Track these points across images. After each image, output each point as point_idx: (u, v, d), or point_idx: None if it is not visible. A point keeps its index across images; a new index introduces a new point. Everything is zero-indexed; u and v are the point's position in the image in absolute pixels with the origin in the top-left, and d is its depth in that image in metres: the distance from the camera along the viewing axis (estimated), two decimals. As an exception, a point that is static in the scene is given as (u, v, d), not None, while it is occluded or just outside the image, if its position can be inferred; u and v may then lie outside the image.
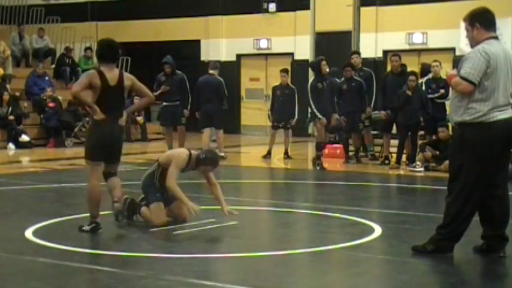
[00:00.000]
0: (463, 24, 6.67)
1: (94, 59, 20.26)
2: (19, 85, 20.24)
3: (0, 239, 7.54)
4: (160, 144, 18.48)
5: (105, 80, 7.54)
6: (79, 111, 18.61)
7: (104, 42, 7.97)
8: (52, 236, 7.45)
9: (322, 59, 14.08)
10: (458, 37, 18.21)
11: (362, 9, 21.72)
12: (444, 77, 13.12)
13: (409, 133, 14.02)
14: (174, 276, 5.99)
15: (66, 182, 11.78)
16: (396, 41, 20.75)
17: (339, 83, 14.78)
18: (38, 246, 7.07)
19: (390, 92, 14.33)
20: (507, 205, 6.59)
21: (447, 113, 13.76)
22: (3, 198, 10.56)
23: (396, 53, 15.41)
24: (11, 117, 18.29)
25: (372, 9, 21.49)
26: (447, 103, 13.41)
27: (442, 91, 14.24)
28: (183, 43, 23.68)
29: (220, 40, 24.09)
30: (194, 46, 24.12)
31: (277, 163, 15.48)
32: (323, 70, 13.88)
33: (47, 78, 20.46)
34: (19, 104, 19.31)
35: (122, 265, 6.37)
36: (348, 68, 14.86)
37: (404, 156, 14.23)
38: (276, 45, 23.11)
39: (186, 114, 15.44)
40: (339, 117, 14.40)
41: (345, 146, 15.31)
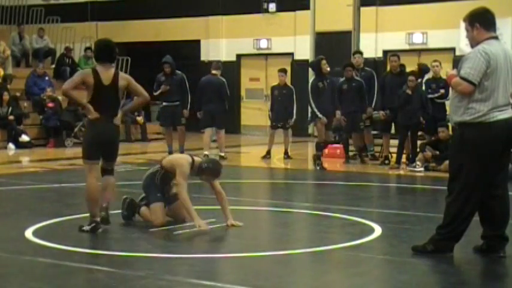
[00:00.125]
0: (463, 24, 6.68)
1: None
2: (19, 85, 20.24)
3: (0, 239, 7.54)
4: (160, 144, 18.48)
5: (98, 79, 7.60)
6: (79, 111, 18.57)
7: (101, 42, 8.05)
8: (52, 236, 7.45)
9: (322, 58, 14.08)
10: (458, 37, 18.22)
11: (362, 9, 21.72)
12: (444, 77, 13.11)
13: (409, 133, 14.04)
14: (174, 276, 6.00)
15: (66, 182, 11.78)
16: (396, 41, 20.75)
17: (339, 83, 14.78)
18: (38, 246, 7.07)
19: (389, 92, 14.34)
20: (507, 205, 6.59)
21: (447, 113, 13.77)
22: (3, 198, 10.56)
23: (395, 53, 15.41)
24: (11, 117, 18.29)
25: (372, 9, 21.49)
26: (447, 103, 13.41)
27: (442, 91, 14.24)
28: (183, 43, 23.68)
29: (220, 40, 24.09)
30: (194, 46, 24.12)
31: (277, 163, 15.48)
32: (323, 69, 13.89)
33: (47, 78, 20.47)
34: (19, 104, 19.31)
35: (122, 265, 6.37)
36: (349, 68, 14.86)
37: (404, 156, 14.24)
38: (276, 45, 23.11)
39: (186, 114, 15.45)
40: (340, 116, 14.40)
41: (345, 146, 15.32)
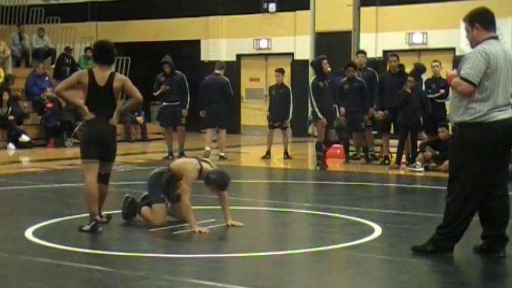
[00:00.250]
0: (463, 24, 6.67)
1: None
2: (19, 85, 20.25)
3: (0, 239, 7.54)
4: (160, 144, 18.49)
5: (93, 80, 7.73)
6: (78, 110, 18.56)
7: (99, 43, 8.17)
8: (52, 236, 7.45)
9: (323, 58, 14.05)
10: (458, 37, 18.22)
11: (362, 9, 21.73)
12: (444, 77, 13.11)
13: (409, 133, 14.03)
14: (174, 276, 6.00)
15: (66, 182, 11.78)
16: (396, 41, 20.74)
17: (341, 83, 14.76)
18: (38, 246, 7.07)
19: (388, 92, 14.31)
20: (507, 205, 6.59)
21: (447, 113, 13.76)
22: (3, 198, 10.56)
23: (394, 53, 15.39)
24: (11, 117, 18.30)
25: (372, 9, 21.50)
26: (447, 103, 13.40)
27: (442, 91, 14.24)
28: (183, 43, 23.68)
29: (220, 40, 24.09)
30: (194, 46, 24.12)
31: (277, 163, 15.48)
32: (324, 69, 13.86)
33: (47, 78, 20.48)
34: (19, 104, 19.31)
35: (122, 265, 6.37)
36: (351, 68, 14.85)
37: (404, 156, 14.23)
38: (276, 45, 23.11)
39: (185, 114, 15.43)
40: (341, 116, 14.38)
41: (346, 146, 15.31)
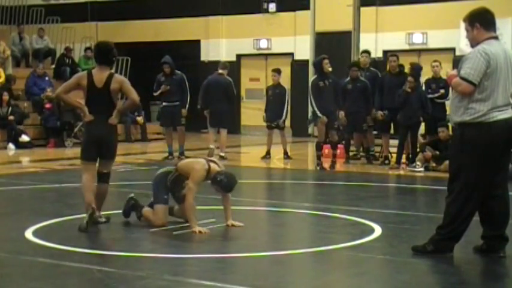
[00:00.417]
0: (463, 24, 6.67)
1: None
2: (19, 85, 20.25)
3: (0, 239, 7.55)
4: (160, 144, 18.48)
5: (91, 82, 7.85)
6: (76, 110, 18.56)
7: (98, 44, 8.30)
8: (52, 236, 7.45)
9: (324, 58, 14.05)
10: (458, 37, 18.22)
11: (362, 9, 21.73)
12: (444, 77, 13.11)
13: (409, 133, 14.02)
14: (174, 276, 5.99)
15: (66, 182, 11.77)
16: (396, 41, 20.74)
17: (344, 83, 14.73)
18: (38, 246, 7.07)
19: (388, 92, 14.28)
20: (507, 205, 6.59)
21: (447, 113, 13.75)
22: (3, 198, 10.57)
23: (394, 53, 15.38)
24: (11, 117, 18.30)
25: (372, 9, 21.50)
26: (447, 103, 13.40)
27: (442, 91, 14.23)
28: (183, 43, 23.69)
29: (220, 40, 24.09)
30: (194, 46, 24.13)
31: (277, 163, 15.48)
32: (325, 69, 13.86)
33: (47, 78, 20.47)
34: (19, 104, 19.31)
35: (122, 265, 6.37)
36: (354, 68, 14.82)
37: (404, 156, 14.23)
38: (276, 45, 23.12)
39: (184, 113, 15.42)
40: (340, 119, 14.36)
41: (346, 146, 15.29)
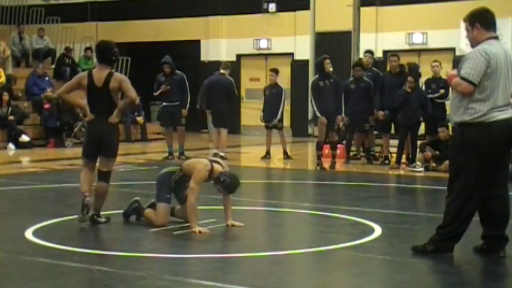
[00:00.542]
0: (463, 24, 6.68)
1: (94, 59, 20.26)
2: (19, 85, 20.26)
3: (0, 239, 7.55)
4: (160, 144, 18.48)
5: (91, 81, 7.97)
6: (76, 110, 18.58)
7: (99, 43, 8.33)
8: (52, 236, 7.46)
9: (325, 58, 14.03)
10: (458, 37, 18.20)
11: (362, 9, 21.72)
12: (444, 77, 13.11)
13: (409, 133, 14.01)
14: (174, 276, 5.99)
15: (66, 182, 11.77)
16: (396, 41, 20.74)
17: (347, 83, 14.71)
18: (38, 246, 7.07)
19: (388, 92, 14.27)
20: (507, 205, 6.59)
21: (447, 113, 13.75)
22: (3, 198, 10.57)
23: (395, 53, 15.37)
24: (11, 117, 18.29)
25: (372, 9, 21.49)
26: (447, 103, 13.40)
27: (442, 91, 14.23)
28: (183, 43, 23.68)
29: (220, 40, 24.09)
30: (194, 46, 24.12)
31: (277, 163, 15.48)
32: (326, 69, 13.85)
33: (47, 78, 20.47)
34: (19, 105, 19.31)
35: (122, 265, 6.37)
36: (358, 68, 14.80)
37: (404, 156, 14.22)
38: (276, 45, 23.11)
39: (184, 113, 15.43)
40: (343, 117, 14.35)
41: (347, 146, 15.27)
